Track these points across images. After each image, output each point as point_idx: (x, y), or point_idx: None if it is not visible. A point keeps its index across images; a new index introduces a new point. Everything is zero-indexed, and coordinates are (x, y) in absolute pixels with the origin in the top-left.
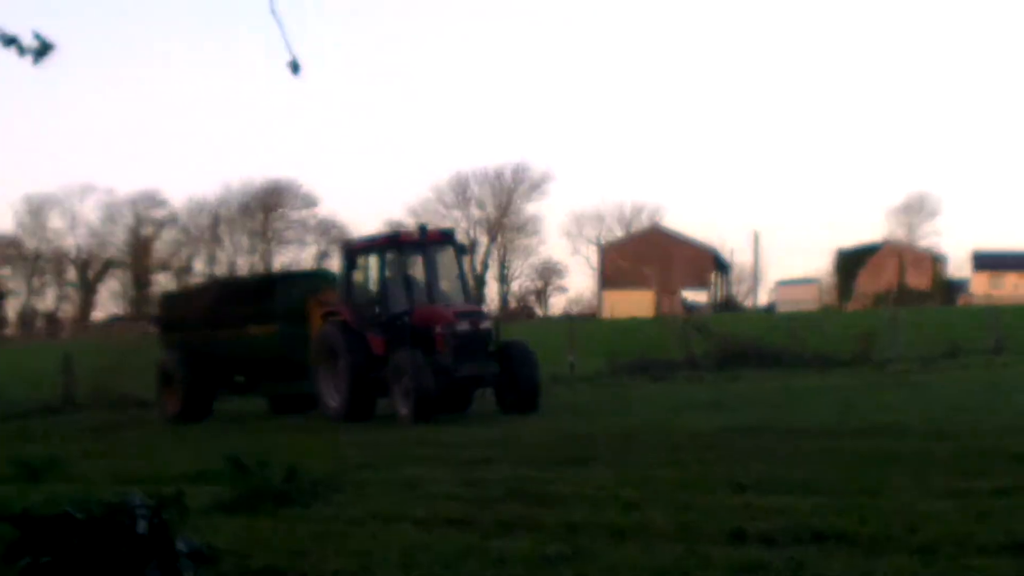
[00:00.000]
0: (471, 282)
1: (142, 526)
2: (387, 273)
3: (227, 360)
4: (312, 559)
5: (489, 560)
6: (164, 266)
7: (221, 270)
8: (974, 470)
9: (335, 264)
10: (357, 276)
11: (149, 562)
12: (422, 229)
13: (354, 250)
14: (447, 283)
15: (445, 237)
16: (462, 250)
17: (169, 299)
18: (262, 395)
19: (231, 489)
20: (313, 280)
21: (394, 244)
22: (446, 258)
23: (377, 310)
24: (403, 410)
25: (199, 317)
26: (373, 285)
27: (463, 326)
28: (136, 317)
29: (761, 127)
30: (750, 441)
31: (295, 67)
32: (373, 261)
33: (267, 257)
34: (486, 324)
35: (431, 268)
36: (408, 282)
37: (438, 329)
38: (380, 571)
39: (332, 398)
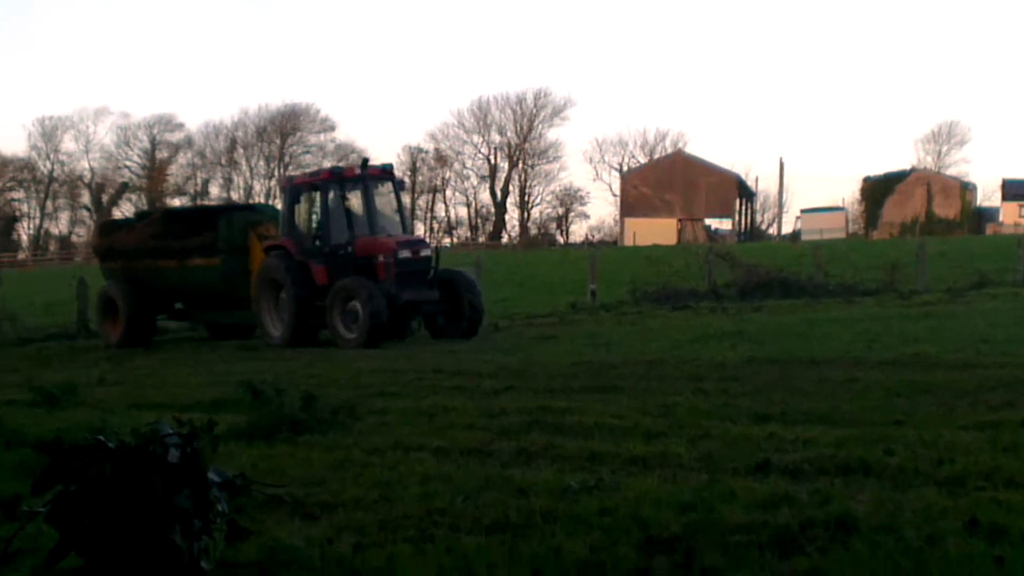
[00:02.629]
0: (408, 215)
1: (174, 455)
2: (329, 207)
3: (169, 290)
4: (331, 487)
5: (510, 490)
6: (179, 190)
7: (237, 195)
8: (1002, 402)
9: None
10: (299, 210)
11: (181, 491)
12: (364, 163)
13: (297, 185)
14: (385, 216)
15: (384, 173)
16: (400, 185)
17: (108, 228)
18: (199, 322)
19: (248, 417)
20: (254, 214)
21: (336, 179)
22: (385, 192)
23: (318, 242)
24: (349, 335)
25: (141, 247)
26: (315, 218)
27: (404, 254)
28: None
29: (787, 53)
30: (774, 372)
31: None
32: (316, 196)
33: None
34: (426, 252)
35: (370, 201)
36: (349, 215)
37: (380, 258)
38: (399, 501)
39: (274, 327)
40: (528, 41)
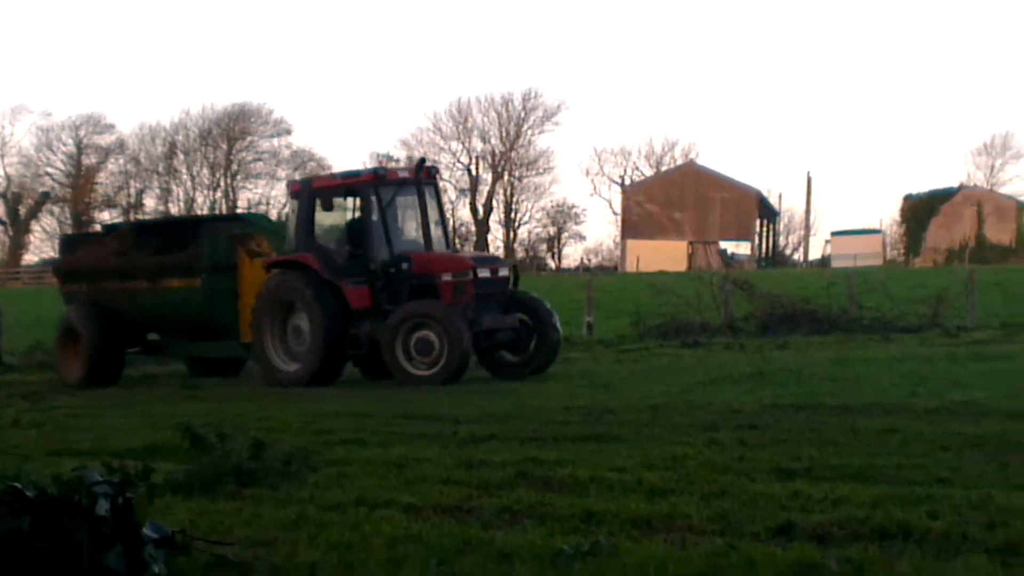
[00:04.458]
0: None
1: (103, 507)
2: (372, 215)
3: (140, 317)
4: (283, 549)
5: (492, 555)
6: (109, 202)
7: (177, 207)
8: None
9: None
10: (322, 220)
11: (111, 549)
12: (420, 163)
13: (319, 190)
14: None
15: (430, 176)
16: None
17: (71, 243)
18: (178, 356)
19: (187, 466)
20: (242, 225)
21: (381, 182)
22: (432, 199)
23: (353, 258)
24: (417, 371)
25: (108, 266)
26: (346, 229)
27: (484, 273)
28: None
29: (817, 53)
30: (799, 420)
31: None
32: (350, 203)
33: (231, 192)
34: (504, 272)
35: (424, 210)
36: (396, 225)
37: (448, 277)
38: (362, 566)
39: (282, 361)
40: (516, 35)
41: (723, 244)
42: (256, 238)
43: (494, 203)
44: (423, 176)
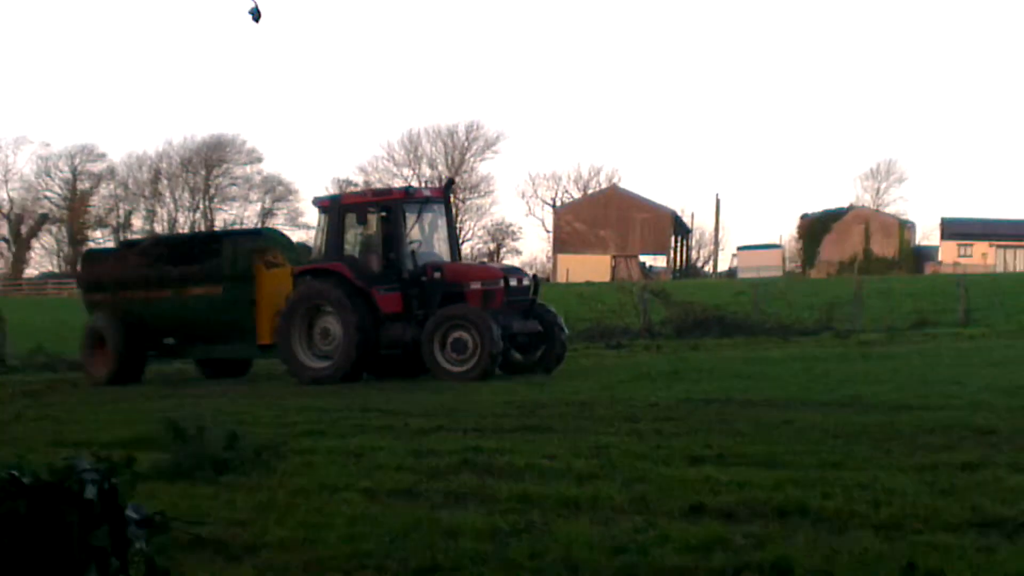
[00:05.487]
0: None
1: (91, 491)
2: (405, 229)
3: (163, 322)
4: (254, 529)
5: (439, 532)
6: (101, 222)
7: (161, 227)
8: (940, 444)
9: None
10: (351, 233)
11: (98, 528)
12: (449, 183)
13: (349, 205)
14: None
15: (445, 195)
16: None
17: (95, 257)
18: (194, 358)
19: (169, 455)
20: (259, 239)
21: (412, 199)
22: (447, 214)
23: (385, 268)
24: (454, 368)
25: (132, 277)
26: (380, 241)
27: (512, 282)
28: (70, 275)
29: (724, 88)
30: (710, 412)
31: (256, 15)
32: (381, 217)
33: (209, 214)
34: (526, 281)
35: (451, 224)
36: (423, 238)
37: (477, 285)
38: (325, 543)
39: (310, 359)
40: (460, 74)
41: (642, 258)
42: (272, 251)
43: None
44: (448, 195)
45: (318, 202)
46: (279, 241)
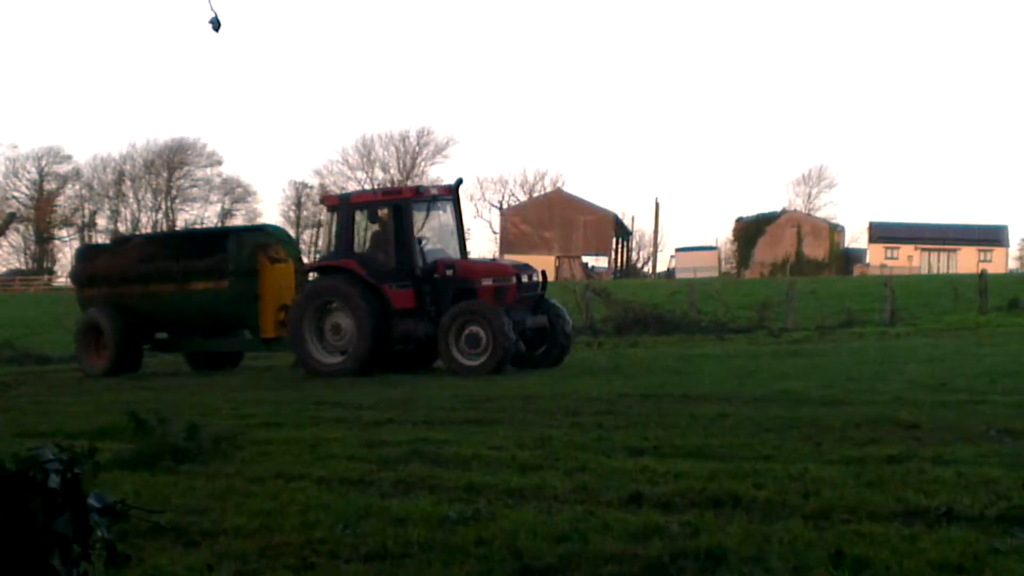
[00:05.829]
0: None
1: (54, 480)
2: (415, 227)
3: (163, 316)
4: (213, 516)
5: (389, 520)
6: (67, 221)
7: (124, 227)
8: (866, 438)
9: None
10: (361, 230)
11: (61, 516)
12: (459, 182)
13: (357, 204)
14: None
15: (453, 192)
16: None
17: (90, 254)
18: (186, 351)
19: (132, 445)
20: (263, 235)
21: (422, 197)
22: (455, 212)
23: (396, 264)
24: (468, 362)
25: (131, 272)
26: (392, 239)
27: (524, 278)
28: (36, 271)
29: (664, 96)
30: (648, 406)
31: (216, 24)
32: (391, 215)
33: (171, 214)
34: (536, 278)
35: (459, 222)
36: (433, 235)
37: (488, 282)
38: (280, 529)
39: (320, 353)
40: (412, 81)
41: (585, 258)
42: (275, 247)
43: None
44: (456, 194)
45: (327, 201)
46: (281, 237)
